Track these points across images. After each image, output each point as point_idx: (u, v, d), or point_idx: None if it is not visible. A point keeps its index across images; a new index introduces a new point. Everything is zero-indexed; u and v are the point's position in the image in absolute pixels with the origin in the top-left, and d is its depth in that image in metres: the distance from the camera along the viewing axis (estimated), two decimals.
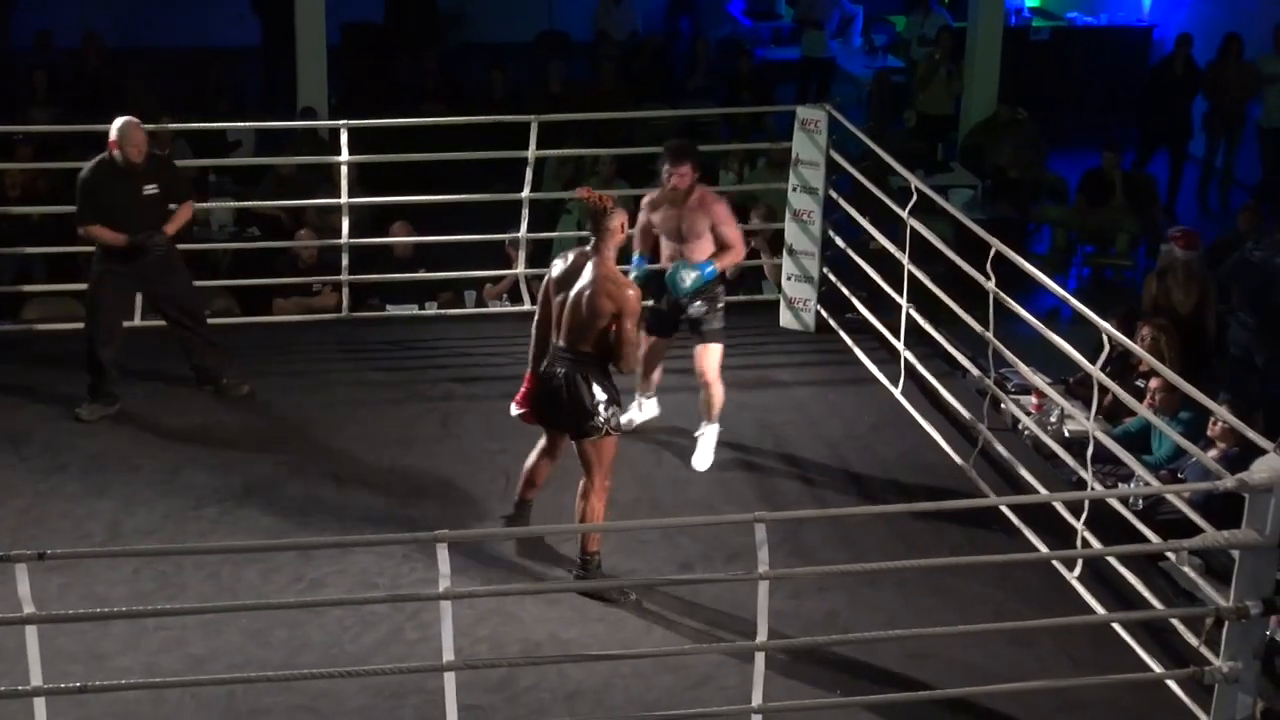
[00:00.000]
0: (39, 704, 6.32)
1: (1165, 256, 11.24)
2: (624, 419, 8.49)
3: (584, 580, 7.86)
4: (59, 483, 8.89)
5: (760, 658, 6.71)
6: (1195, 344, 10.66)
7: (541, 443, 8.18)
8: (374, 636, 7.55)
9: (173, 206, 9.68)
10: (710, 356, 9.12)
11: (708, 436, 9.25)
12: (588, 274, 7.73)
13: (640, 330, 8.31)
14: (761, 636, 6.65)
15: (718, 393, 9.17)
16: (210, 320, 10.92)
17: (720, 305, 9.13)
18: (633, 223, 8.72)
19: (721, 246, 9.00)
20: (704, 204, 9.01)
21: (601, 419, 7.77)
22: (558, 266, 7.89)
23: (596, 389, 7.76)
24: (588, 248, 7.84)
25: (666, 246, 9.09)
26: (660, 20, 19.83)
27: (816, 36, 17.96)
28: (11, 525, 8.39)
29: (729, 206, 9.14)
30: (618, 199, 8.12)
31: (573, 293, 7.75)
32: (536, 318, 8.05)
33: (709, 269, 8.90)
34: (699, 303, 9.01)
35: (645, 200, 9.20)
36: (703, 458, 9.21)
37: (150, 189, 9.47)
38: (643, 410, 9.50)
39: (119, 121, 9.43)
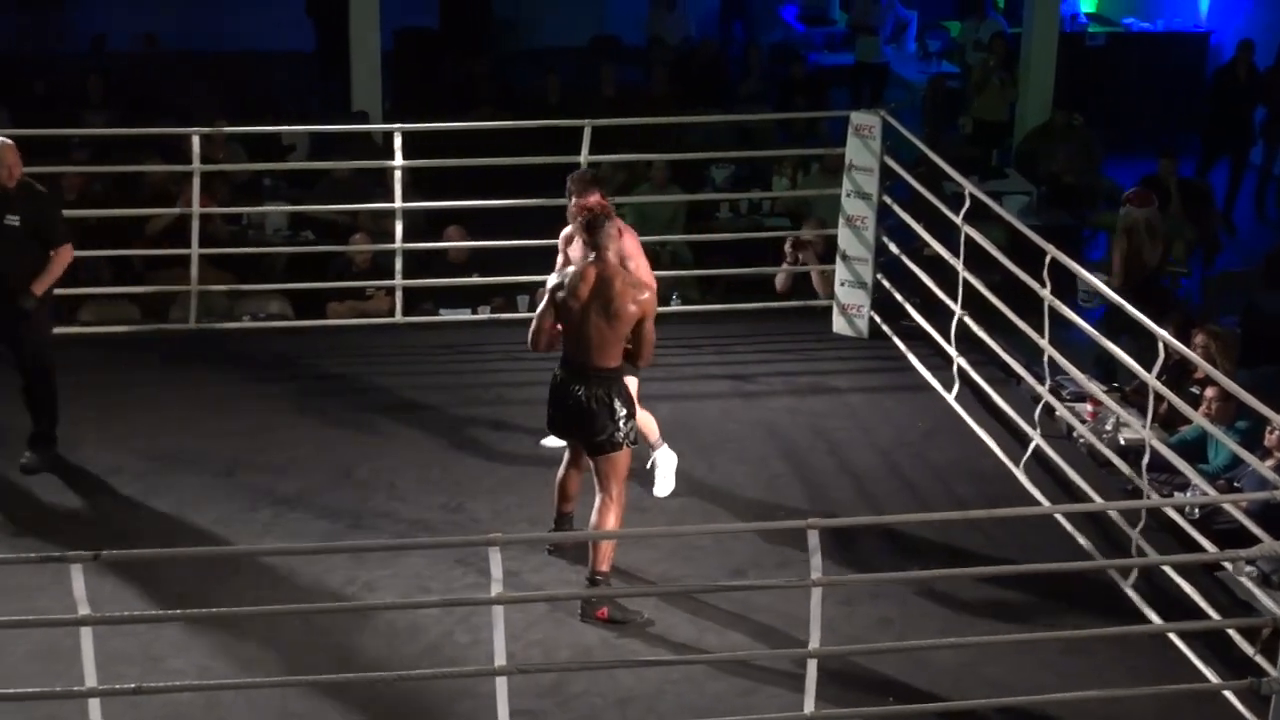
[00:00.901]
0: (94, 705, 6.36)
1: (1125, 218, 11.56)
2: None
3: (596, 601, 7.74)
4: (115, 485, 8.93)
5: (812, 665, 6.69)
6: (1158, 296, 10.90)
7: (567, 455, 8.16)
8: (425, 640, 7.56)
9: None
10: None
11: (660, 463, 8.98)
12: (605, 285, 7.66)
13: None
14: (814, 643, 6.63)
15: (642, 418, 8.74)
16: (265, 324, 11.00)
17: None
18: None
19: None
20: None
21: (622, 434, 7.78)
22: (562, 285, 7.74)
23: (618, 403, 7.76)
24: (590, 260, 7.74)
25: None
26: (713, 25, 19.82)
27: (870, 42, 17.91)
28: (67, 526, 8.45)
29: (636, 239, 8.65)
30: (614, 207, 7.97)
31: (591, 309, 7.67)
32: (542, 330, 7.81)
33: None
34: None
35: (562, 236, 8.76)
36: (663, 484, 8.97)
37: (11, 219, 8.79)
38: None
39: None
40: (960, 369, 10.02)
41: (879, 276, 11.02)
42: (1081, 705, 7.04)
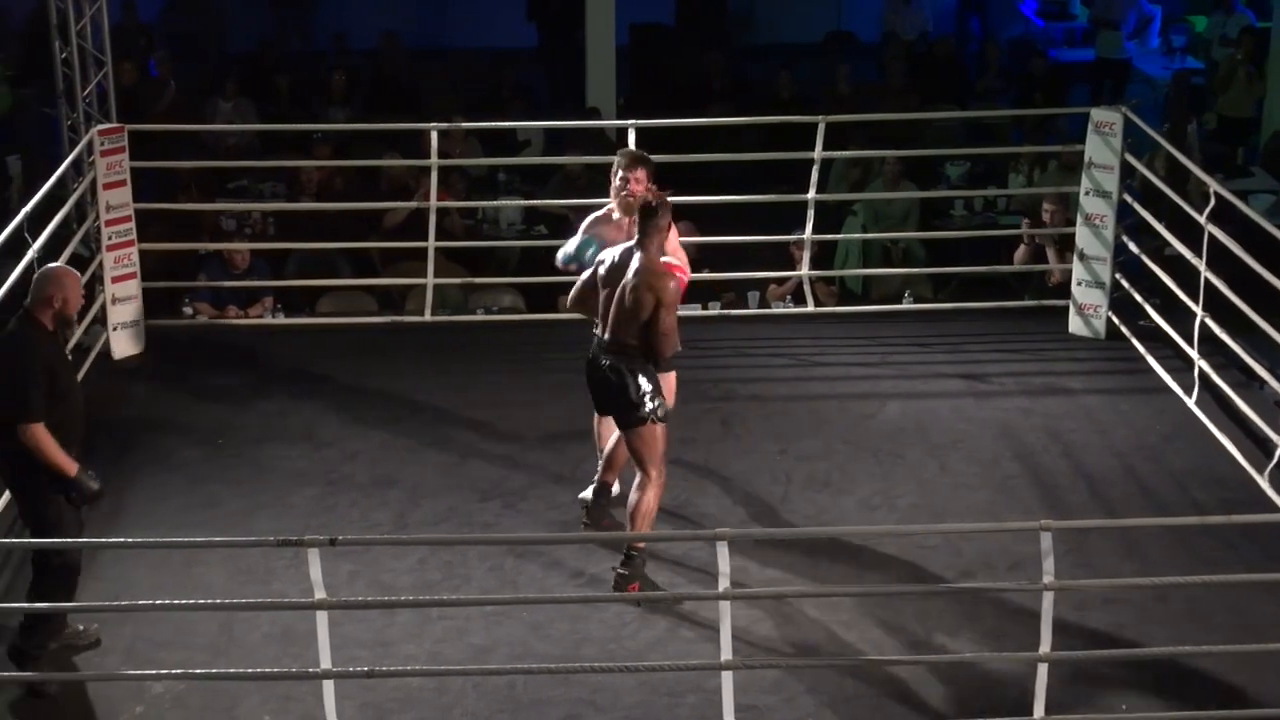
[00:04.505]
0: (328, 686, 6.49)
1: None
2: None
3: (628, 574, 7.79)
4: (349, 472, 9.11)
5: (1043, 669, 6.58)
6: None
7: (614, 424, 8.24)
8: (652, 633, 7.58)
9: None
10: None
11: None
12: (633, 268, 7.79)
13: None
14: (1044, 648, 6.51)
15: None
16: (497, 317, 11.13)
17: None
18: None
19: None
20: None
21: (647, 409, 7.83)
22: (605, 262, 7.94)
23: (642, 380, 7.84)
24: (632, 243, 7.87)
25: None
26: (950, 21, 19.60)
27: (1112, 37, 17.56)
28: (305, 512, 8.64)
29: (676, 234, 8.48)
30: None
31: (618, 287, 7.83)
32: (582, 294, 8.08)
33: None
34: None
35: (592, 217, 8.67)
36: None
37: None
38: None
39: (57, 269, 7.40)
40: (1201, 372, 9.76)
41: (1117, 276, 10.79)
42: None
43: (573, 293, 8.22)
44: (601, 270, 7.96)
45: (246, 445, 9.40)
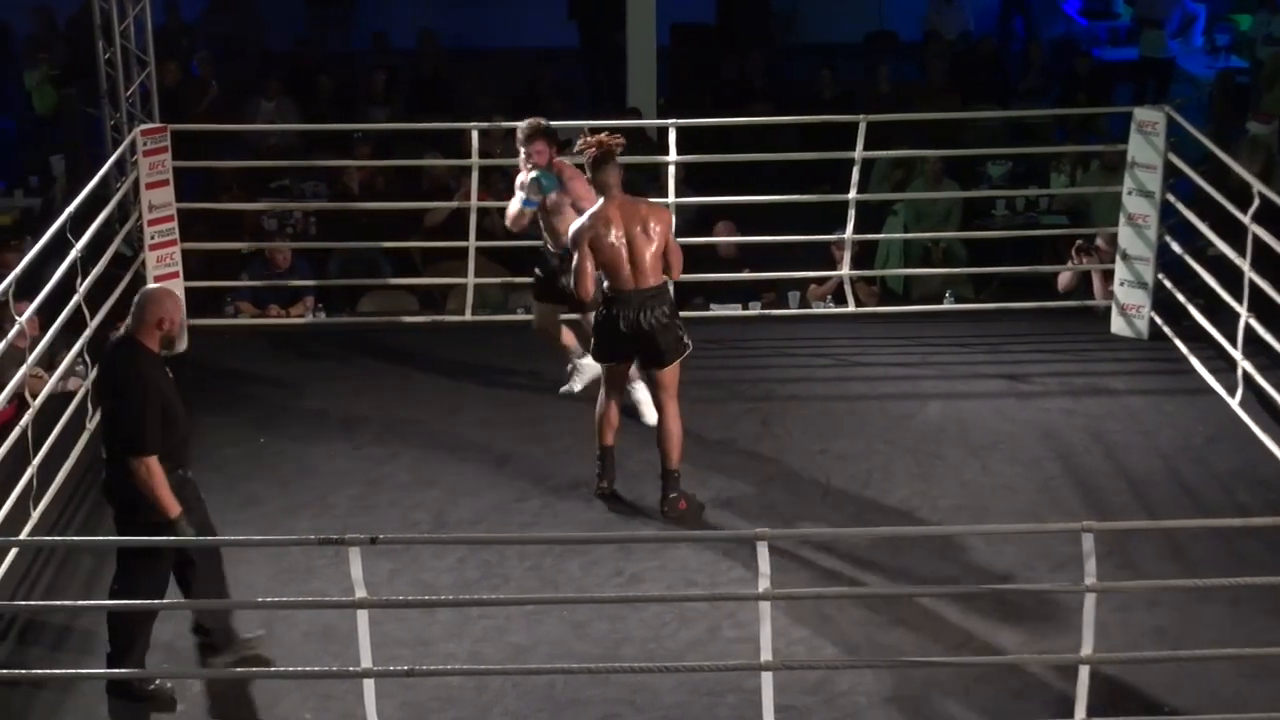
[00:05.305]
0: (368, 685, 6.50)
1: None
2: (567, 389, 9.83)
3: (677, 494, 8.37)
4: (390, 471, 9.13)
5: (1084, 670, 6.55)
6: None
7: (605, 389, 8.62)
8: (692, 633, 7.57)
9: None
10: None
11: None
12: (635, 213, 8.30)
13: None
14: (1086, 649, 6.48)
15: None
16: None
17: None
18: None
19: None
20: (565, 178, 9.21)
21: (685, 339, 8.44)
22: (588, 227, 8.27)
23: (674, 312, 8.42)
24: (608, 198, 8.32)
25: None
26: (993, 20, 19.54)
27: (1156, 36, 17.46)
28: (345, 511, 8.66)
29: (586, 184, 8.85)
30: None
31: (634, 238, 8.27)
32: (587, 275, 8.29)
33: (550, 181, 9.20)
34: None
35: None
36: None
37: None
38: (584, 373, 9.85)
39: (158, 290, 7.20)
40: (1245, 373, 9.70)
41: (1160, 276, 10.73)
42: None
43: (585, 281, 8.33)
44: (601, 234, 8.23)
45: (287, 444, 9.43)
